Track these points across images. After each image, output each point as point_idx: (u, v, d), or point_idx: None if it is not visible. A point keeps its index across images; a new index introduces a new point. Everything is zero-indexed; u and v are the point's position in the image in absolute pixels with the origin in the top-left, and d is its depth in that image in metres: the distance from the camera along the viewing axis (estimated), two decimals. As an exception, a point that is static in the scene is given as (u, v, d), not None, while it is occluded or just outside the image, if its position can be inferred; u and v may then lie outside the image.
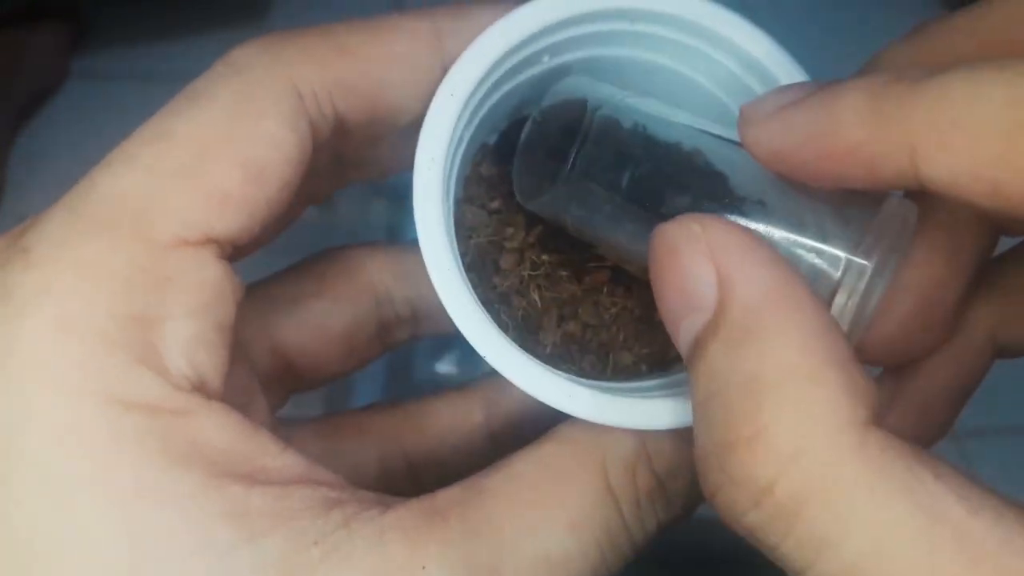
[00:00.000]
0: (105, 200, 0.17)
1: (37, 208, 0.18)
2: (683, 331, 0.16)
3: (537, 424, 0.19)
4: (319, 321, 0.23)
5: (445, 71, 0.20)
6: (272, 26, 0.70)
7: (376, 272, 0.24)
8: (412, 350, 0.49)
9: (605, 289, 0.22)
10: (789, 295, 0.15)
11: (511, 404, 0.25)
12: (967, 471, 0.14)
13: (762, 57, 0.22)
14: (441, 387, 0.26)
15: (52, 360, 0.16)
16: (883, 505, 0.13)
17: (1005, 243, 0.22)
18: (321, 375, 0.24)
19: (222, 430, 0.17)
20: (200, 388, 0.17)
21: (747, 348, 0.15)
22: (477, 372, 0.27)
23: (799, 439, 0.14)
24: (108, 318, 0.16)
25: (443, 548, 0.17)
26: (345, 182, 0.24)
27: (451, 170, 0.21)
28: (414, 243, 0.22)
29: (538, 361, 0.19)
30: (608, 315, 0.22)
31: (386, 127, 0.20)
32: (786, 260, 0.16)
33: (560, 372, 0.19)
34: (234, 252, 0.18)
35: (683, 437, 0.19)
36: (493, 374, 0.22)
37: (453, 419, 0.25)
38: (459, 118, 0.20)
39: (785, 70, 0.21)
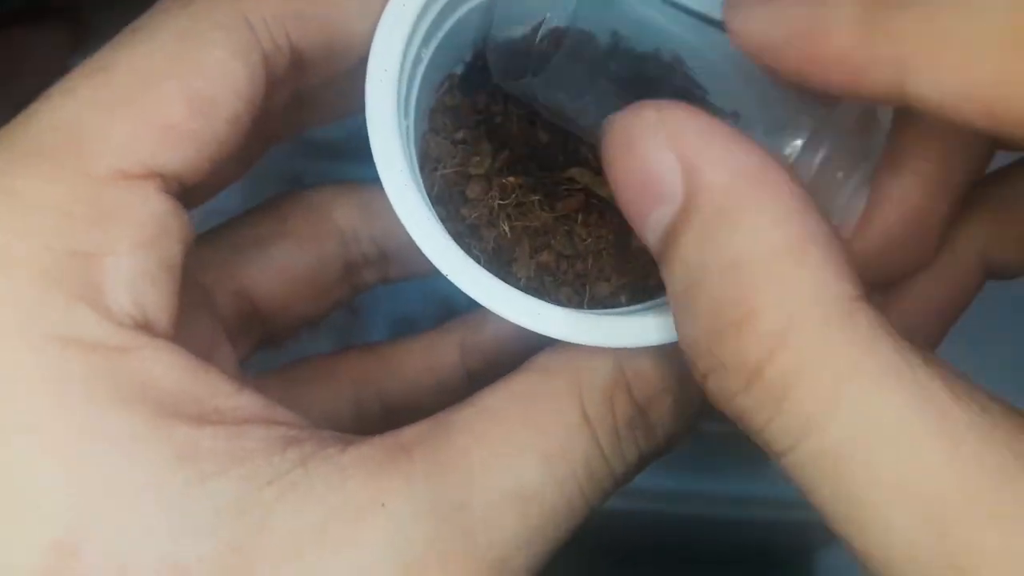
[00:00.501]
0: (42, 132, 0.17)
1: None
2: (651, 225, 0.15)
3: (515, 363, 0.19)
4: (283, 262, 0.23)
5: None
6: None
7: (341, 211, 0.24)
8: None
9: (579, 217, 0.21)
10: (760, 175, 0.14)
11: (487, 343, 0.24)
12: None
13: None
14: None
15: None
16: (869, 386, 0.13)
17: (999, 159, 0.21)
18: (289, 319, 0.24)
19: (170, 369, 0.16)
20: (145, 327, 0.16)
21: (724, 232, 0.14)
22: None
23: (787, 319, 0.14)
24: (44, 252, 0.16)
25: (406, 484, 0.16)
26: (308, 123, 0.23)
27: (409, 88, 0.20)
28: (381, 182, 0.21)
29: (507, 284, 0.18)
30: (583, 245, 0.21)
31: (343, 59, 0.20)
32: (753, 141, 0.15)
33: None
34: (181, 189, 0.18)
35: (663, 360, 0.18)
36: (470, 309, 0.22)
37: (428, 360, 0.25)
38: (413, 31, 0.19)
39: None
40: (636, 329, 0.18)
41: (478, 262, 0.20)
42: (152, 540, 0.15)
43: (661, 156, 0.15)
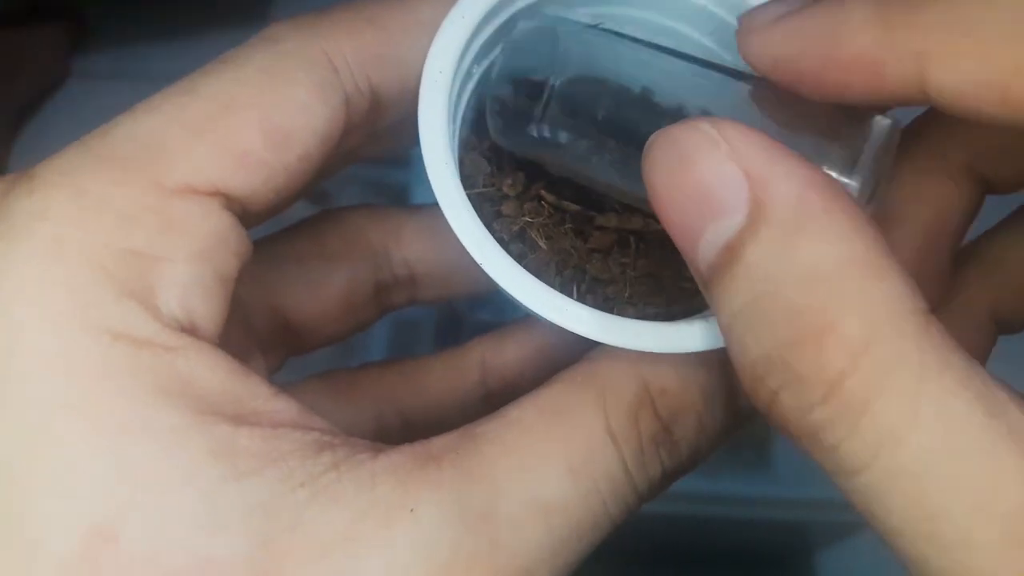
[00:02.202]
0: (119, 140, 0.17)
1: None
2: (707, 240, 0.15)
3: (535, 382, 0.19)
4: (317, 280, 0.23)
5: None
6: (272, 26, 0.70)
7: (374, 233, 0.24)
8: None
9: (613, 251, 0.22)
10: (827, 187, 0.14)
11: (507, 363, 0.25)
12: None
13: None
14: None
15: (43, 285, 0.16)
16: (948, 399, 0.13)
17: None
18: (319, 336, 0.24)
19: (212, 370, 0.17)
20: (191, 332, 0.17)
21: (800, 242, 0.14)
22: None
23: (869, 330, 0.14)
24: (104, 249, 0.16)
25: (434, 491, 0.16)
26: (360, 157, 0.24)
27: (459, 99, 0.21)
28: (414, 207, 0.22)
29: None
30: (617, 272, 0.21)
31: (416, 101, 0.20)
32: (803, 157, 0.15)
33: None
34: (244, 213, 0.18)
35: (689, 377, 0.18)
36: (472, 312, 0.21)
37: (449, 378, 0.25)
38: (468, 45, 0.20)
39: None
40: (662, 336, 0.18)
41: None
42: (186, 532, 0.15)
43: (723, 169, 0.15)
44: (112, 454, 0.15)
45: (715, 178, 0.15)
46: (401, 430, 0.25)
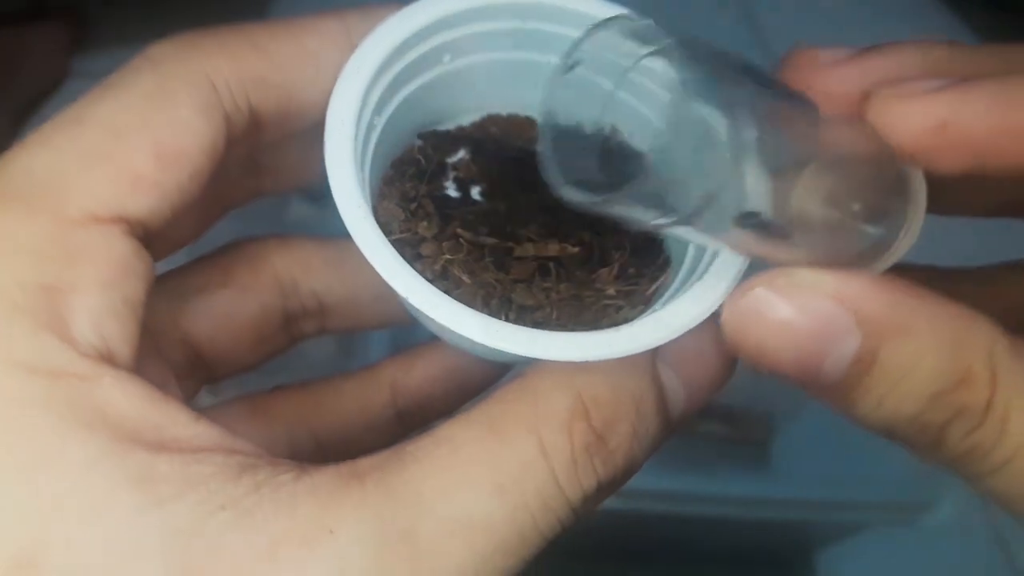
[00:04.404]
0: (18, 177, 0.18)
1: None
2: (831, 364, 0.18)
3: (446, 400, 0.20)
4: (226, 311, 0.24)
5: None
6: (272, 26, 0.70)
7: (282, 264, 0.24)
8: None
9: (534, 279, 0.22)
10: (898, 292, 0.18)
11: (417, 383, 0.25)
12: None
13: None
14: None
15: None
16: None
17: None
18: (231, 365, 0.24)
19: (129, 398, 0.17)
20: (108, 359, 0.17)
21: (913, 333, 0.18)
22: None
23: (988, 365, 0.18)
24: (15, 286, 0.17)
25: (355, 511, 0.16)
26: (262, 189, 0.24)
27: (364, 150, 0.21)
28: (324, 238, 0.23)
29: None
30: (542, 297, 0.21)
31: (297, 121, 0.21)
32: (856, 275, 0.18)
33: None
34: (145, 234, 0.19)
35: (621, 385, 0.19)
36: (425, 341, 0.21)
37: (358, 399, 0.25)
38: (366, 96, 0.21)
39: None
40: (589, 344, 0.19)
41: None
42: (105, 559, 0.15)
43: (826, 305, 0.18)
44: (28, 486, 0.16)
45: (825, 313, 0.18)
46: (314, 451, 0.25)
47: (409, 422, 0.20)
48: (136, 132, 0.18)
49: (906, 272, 0.19)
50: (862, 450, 0.51)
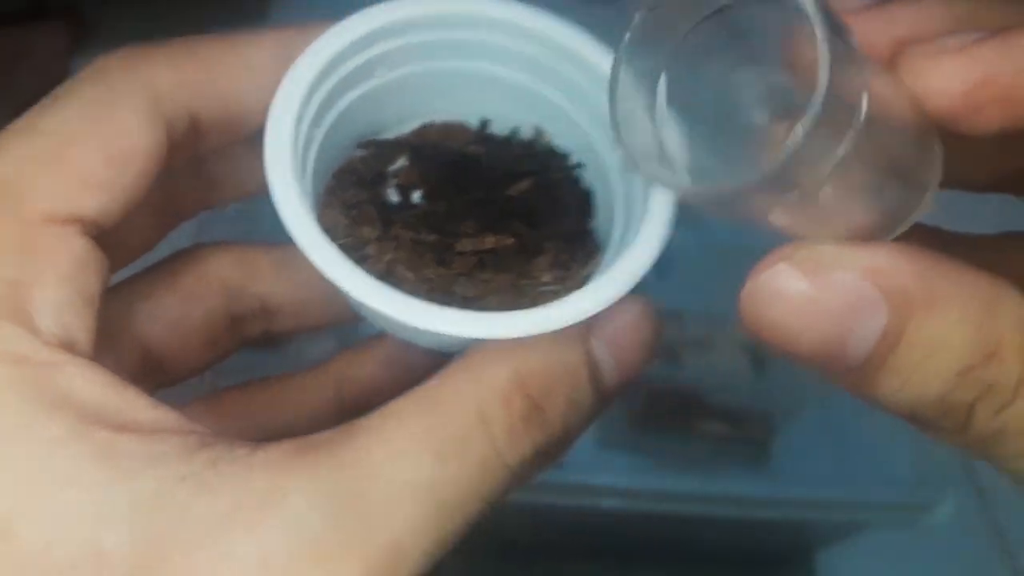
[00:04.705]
0: None
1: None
2: (859, 337, 0.18)
3: (392, 392, 0.20)
4: (174, 316, 0.25)
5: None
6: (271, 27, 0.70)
7: (227, 269, 0.26)
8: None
9: (474, 272, 0.24)
10: (925, 261, 0.18)
11: (365, 376, 0.27)
12: None
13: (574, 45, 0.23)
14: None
15: None
16: None
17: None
18: (182, 368, 0.26)
19: (91, 383, 0.18)
20: (70, 348, 0.19)
21: (944, 309, 0.17)
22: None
23: (1021, 336, 0.18)
24: None
25: (307, 479, 0.18)
26: (210, 201, 0.26)
27: (305, 160, 0.23)
28: (270, 245, 0.24)
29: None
30: (481, 287, 0.23)
31: (237, 128, 0.23)
32: (884, 245, 0.18)
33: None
34: (99, 233, 0.20)
35: (555, 358, 0.21)
36: (371, 335, 0.24)
37: (304, 394, 0.27)
38: (303, 109, 0.22)
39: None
40: (525, 321, 0.20)
41: None
42: (76, 528, 0.17)
43: (852, 279, 0.17)
44: (1, 461, 0.17)
45: (851, 286, 0.17)
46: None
47: (354, 416, 0.20)
48: (85, 137, 0.20)
49: (912, 237, 0.19)
50: (862, 450, 0.51)
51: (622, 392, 0.22)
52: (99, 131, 0.20)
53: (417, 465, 0.18)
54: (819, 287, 0.17)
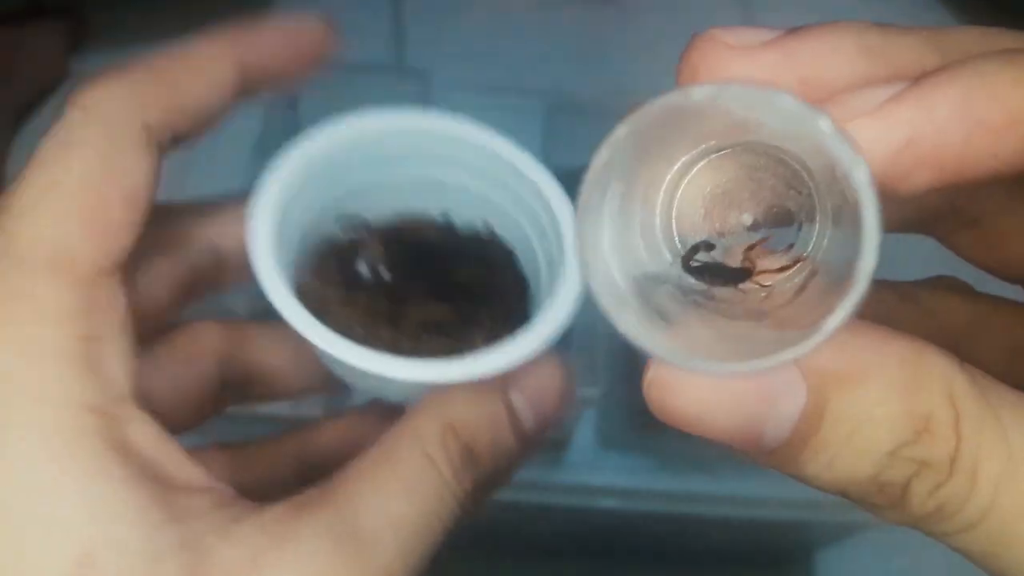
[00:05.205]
0: (33, 246, 0.21)
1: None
2: (776, 422, 0.17)
3: (341, 459, 0.24)
4: (172, 384, 0.29)
5: (241, 76, 0.25)
6: (272, 26, 0.70)
7: (217, 340, 0.30)
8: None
9: (421, 335, 0.29)
10: (846, 344, 0.17)
11: (320, 446, 0.31)
12: None
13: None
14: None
15: (26, 370, 0.21)
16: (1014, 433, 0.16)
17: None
18: (177, 424, 0.29)
19: (147, 436, 0.22)
20: (127, 398, 0.22)
21: (864, 381, 0.16)
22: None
23: (950, 407, 0.16)
24: (63, 338, 0.21)
25: (310, 523, 0.21)
26: (222, 282, 0.30)
27: (283, 221, 0.27)
28: (259, 321, 0.29)
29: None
30: (424, 350, 0.28)
31: (201, 131, 0.26)
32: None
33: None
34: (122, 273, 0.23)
35: (478, 408, 0.25)
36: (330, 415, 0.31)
37: (274, 459, 0.31)
38: (286, 207, 0.27)
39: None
40: (453, 370, 0.25)
41: None
42: (140, 561, 0.20)
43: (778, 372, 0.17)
44: (84, 497, 0.20)
45: (759, 371, 0.16)
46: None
47: (312, 474, 0.25)
48: (104, 186, 0.22)
49: None
50: (862, 450, 0.51)
51: (543, 437, 0.27)
52: (112, 177, 0.22)
53: (391, 503, 0.22)
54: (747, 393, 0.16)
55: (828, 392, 0.16)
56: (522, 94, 0.62)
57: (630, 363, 0.46)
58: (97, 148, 0.22)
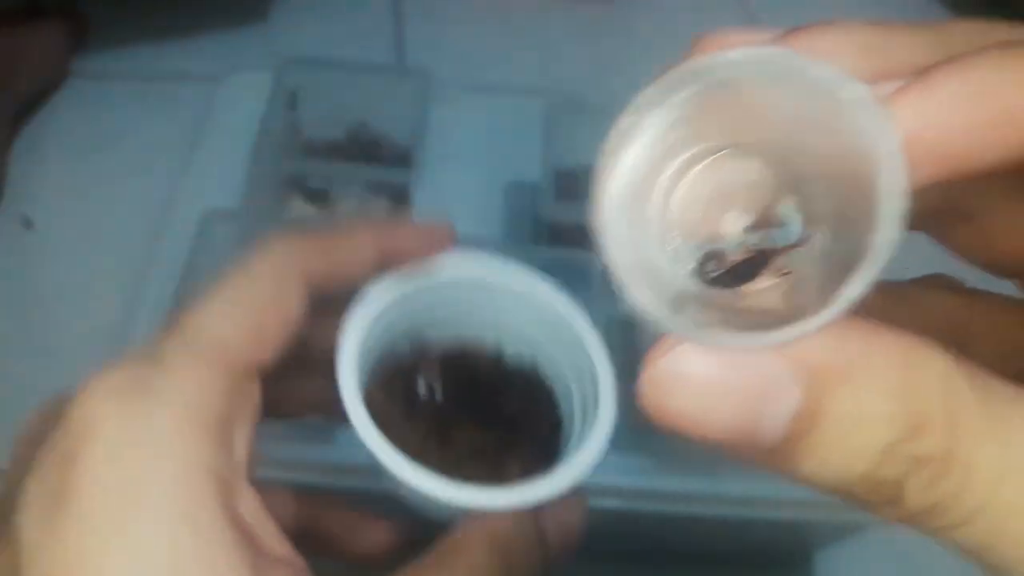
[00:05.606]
0: (201, 338, 0.26)
1: (38, 207, 0.19)
2: (770, 420, 0.17)
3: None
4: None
5: (381, 258, 0.32)
6: (272, 28, 0.68)
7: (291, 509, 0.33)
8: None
9: (463, 460, 0.33)
10: (834, 341, 0.17)
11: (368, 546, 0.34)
12: None
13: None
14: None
15: (175, 437, 0.24)
16: (1012, 426, 0.16)
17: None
18: None
19: (252, 509, 0.26)
20: (243, 473, 0.26)
21: (859, 382, 0.16)
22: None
23: (946, 405, 0.16)
24: (211, 416, 0.25)
25: None
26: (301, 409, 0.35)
27: (366, 364, 0.32)
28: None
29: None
30: (468, 472, 0.30)
31: (339, 289, 0.31)
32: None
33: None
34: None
35: (516, 528, 0.29)
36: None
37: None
38: (368, 329, 0.32)
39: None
40: (503, 496, 0.29)
41: None
42: None
43: (759, 356, 0.17)
44: (209, 553, 0.23)
45: (755, 372, 0.16)
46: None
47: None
48: (268, 307, 0.28)
49: None
50: (862, 450, 0.51)
51: (562, 554, 0.31)
52: (277, 303, 0.28)
53: None
54: (725, 367, 0.16)
55: (822, 389, 0.16)
56: (522, 94, 0.62)
57: (630, 364, 0.46)
58: (266, 279, 0.28)
